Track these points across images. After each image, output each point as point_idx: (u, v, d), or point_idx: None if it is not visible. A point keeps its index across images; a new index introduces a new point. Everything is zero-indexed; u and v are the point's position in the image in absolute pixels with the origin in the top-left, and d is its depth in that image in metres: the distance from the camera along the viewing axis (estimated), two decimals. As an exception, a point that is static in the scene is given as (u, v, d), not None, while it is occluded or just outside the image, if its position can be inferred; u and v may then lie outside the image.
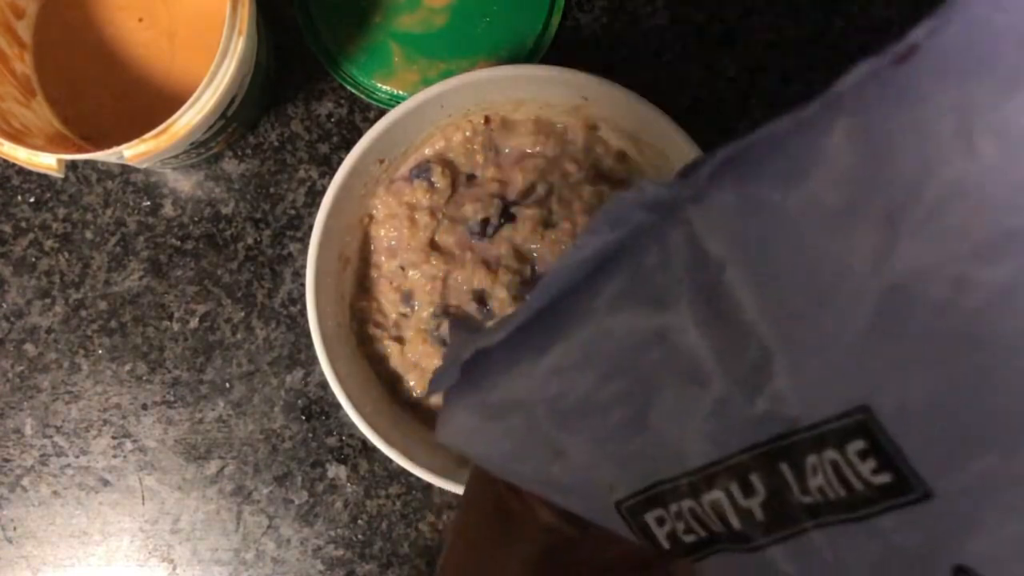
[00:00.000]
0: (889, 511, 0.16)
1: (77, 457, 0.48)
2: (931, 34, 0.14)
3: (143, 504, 0.48)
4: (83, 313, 0.47)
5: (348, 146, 0.42)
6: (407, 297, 0.43)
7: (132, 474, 0.48)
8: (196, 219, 0.47)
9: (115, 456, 0.48)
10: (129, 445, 0.48)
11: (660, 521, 0.21)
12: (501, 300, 0.42)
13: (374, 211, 0.44)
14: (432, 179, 0.43)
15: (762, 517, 0.19)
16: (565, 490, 0.23)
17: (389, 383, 0.44)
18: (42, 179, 0.47)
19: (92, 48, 0.44)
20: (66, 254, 0.47)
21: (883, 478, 0.16)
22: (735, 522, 0.19)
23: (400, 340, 0.44)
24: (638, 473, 0.21)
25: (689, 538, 0.20)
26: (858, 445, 0.17)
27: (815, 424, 0.17)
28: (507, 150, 0.43)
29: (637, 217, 0.19)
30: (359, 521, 0.47)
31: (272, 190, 0.47)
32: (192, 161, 0.45)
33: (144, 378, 0.47)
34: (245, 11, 0.37)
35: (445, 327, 0.43)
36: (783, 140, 0.17)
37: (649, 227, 0.19)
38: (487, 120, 0.43)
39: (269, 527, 0.47)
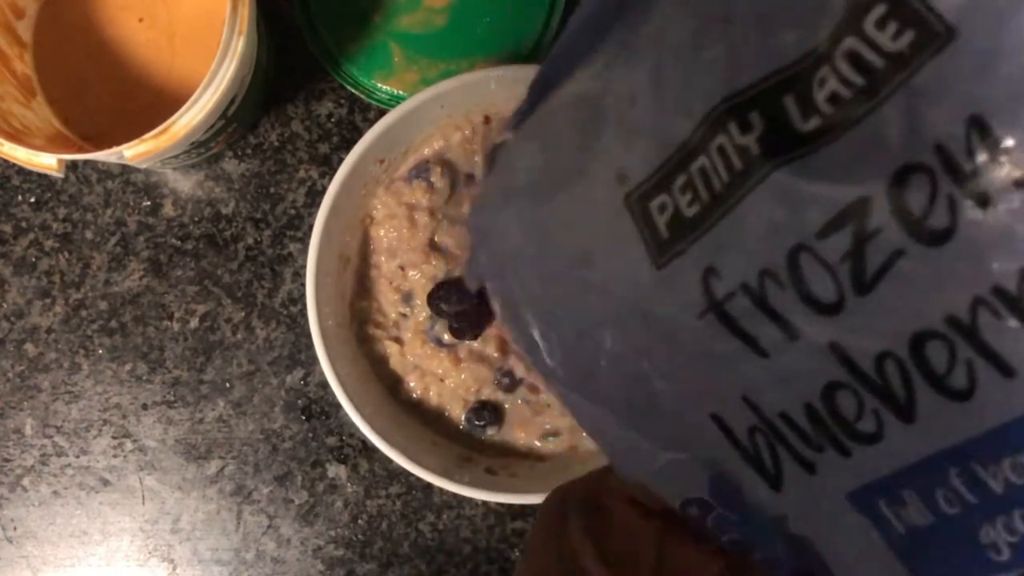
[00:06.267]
0: (913, 74, 0.16)
1: (77, 457, 0.48)
2: None
3: (143, 504, 0.48)
4: (83, 313, 0.47)
5: (348, 146, 0.42)
6: (407, 297, 0.43)
7: (132, 474, 0.48)
8: (196, 219, 0.47)
9: (115, 456, 0.48)
10: (129, 445, 0.48)
11: (662, 208, 0.21)
12: (501, 300, 0.42)
13: (374, 211, 0.44)
14: (431, 179, 0.43)
15: (757, 150, 0.19)
16: (581, 195, 0.23)
17: (389, 383, 0.44)
18: (42, 179, 0.47)
19: (92, 48, 0.44)
20: (66, 254, 0.47)
21: (907, 37, 0.16)
22: (736, 162, 0.19)
23: (399, 340, 0.44)
24: (651, 156, 0.21)
25: (692, 210, 0.20)
26: (879, 11, 0.16)
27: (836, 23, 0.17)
28: (507, 150, 0.43)
29: None
30: (359, 521, 0.47)
31: (272, 190, 0.47)
32: (192, 161, 0.45)
33: (144, 378, 0.47)
34: (245, 11, 0.37)
35: (439, 326, 0.43)
36: None
37: None
38: (487, 120, 0.43)
39: (269, 527, 0.47)
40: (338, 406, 0.42)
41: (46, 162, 0.38)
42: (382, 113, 0.42)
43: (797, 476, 0.20)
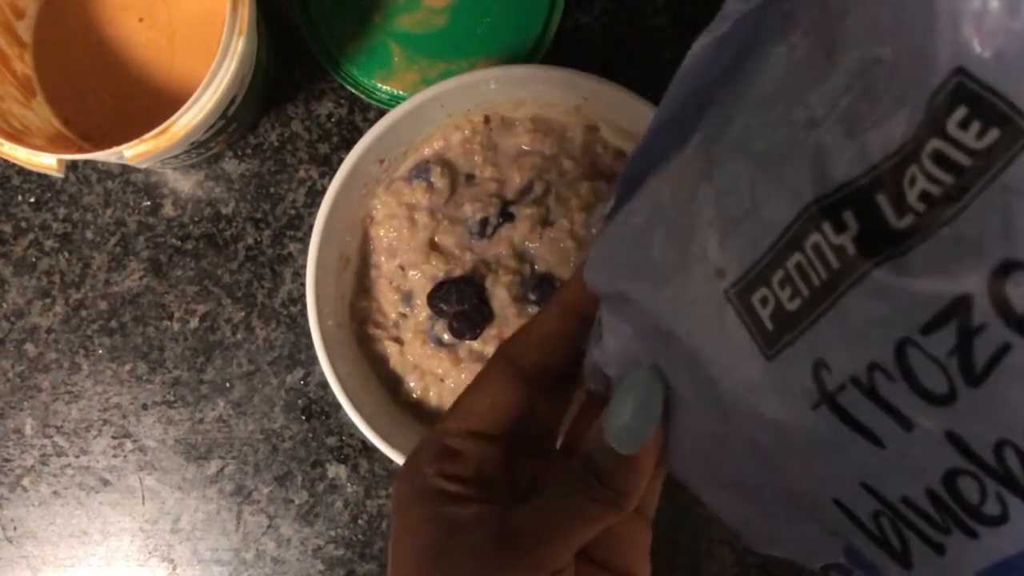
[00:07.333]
0: (1003, 170, 0.16)
1: (77, 457, 0.48)
2: None
3: (143, 504, 0.48)
4: (83, 313, 0.47)
5: (348, 146, 0.42)
6: (407, 297, 0.44)
7: (132, 474, 0.48)
8: (196, 219, 0.47)
9: (115, 456, 0.48)
10: (129, 445, 0.48)
11: (764, 301, 0.21)
12: (501, 300, 0.42)
13: (374, 211, 0.44)
14: (431, 179, 0.43)
15: (853, 251, 0.19)
16: (681, 288, 0.24)
17: (389, 383, 0.44)
18: (42, 179, 0.47)
19: (92, 48, 0.44)
20: (66, 254, 0.47)
21: (992, 136, 0.16)
22: (832, 260, 0.19)
23: (399, 340, 0.44)
24: (745, 254, 0.21)
25: (793, 304, 0.20)
26: (960, 113, 0.16)
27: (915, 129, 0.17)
28: (504, 148, 0.43)
29: None
30: (359, 521, 0.47)
31: (272, 190, 0.47)
32: (192, 161, 0.45)
33: (144, 378, 0.47)
34: (245, 11, 0.37)
35: (439, 326, 0.43)
36: None
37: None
38: (487, 120, 0.43)
39: (269, 527, 0.47)
40: (338, 406, 0.42)
41: (46, 162, 0.38)
42: (382, 113, 0.42)
43: (926, 556, 0.20)
